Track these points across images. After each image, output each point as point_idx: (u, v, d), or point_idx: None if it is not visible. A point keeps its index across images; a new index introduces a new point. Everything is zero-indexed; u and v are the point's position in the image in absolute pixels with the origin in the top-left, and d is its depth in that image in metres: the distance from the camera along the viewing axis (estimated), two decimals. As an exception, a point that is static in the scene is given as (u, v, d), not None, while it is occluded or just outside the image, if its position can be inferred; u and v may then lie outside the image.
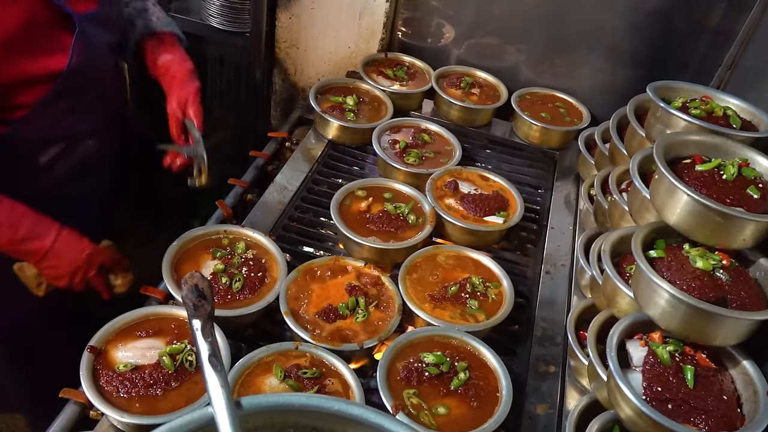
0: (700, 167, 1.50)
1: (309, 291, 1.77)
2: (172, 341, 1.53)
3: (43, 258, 1.62)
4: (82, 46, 1.61)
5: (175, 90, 1.88)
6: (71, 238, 1.65)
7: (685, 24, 2.49)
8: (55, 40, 1.56)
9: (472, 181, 2.24)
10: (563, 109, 2.70)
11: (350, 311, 1.72)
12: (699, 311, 1.34)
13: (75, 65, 1.60)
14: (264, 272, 1.79)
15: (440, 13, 2.83)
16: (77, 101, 1.71)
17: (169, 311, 1.61)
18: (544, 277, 2.05)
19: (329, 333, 1.66)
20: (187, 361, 1.49)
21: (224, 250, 1.82)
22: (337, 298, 1.76)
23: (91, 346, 1.48)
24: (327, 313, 1.70)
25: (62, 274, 1.65)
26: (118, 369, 1.46)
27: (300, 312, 1.71)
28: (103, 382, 1.44)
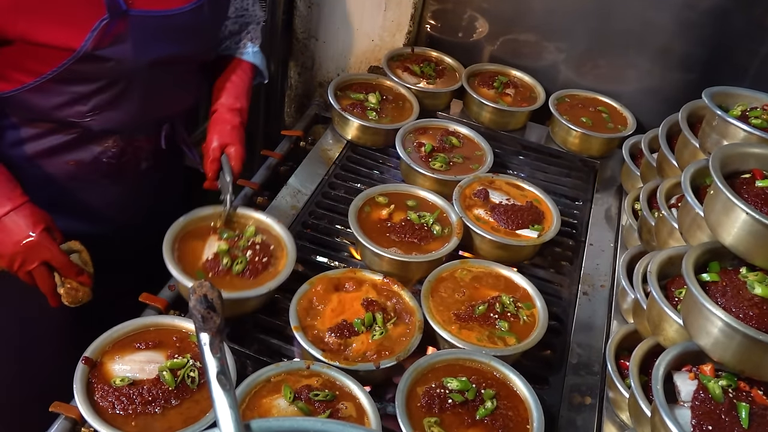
0: (760, 183, 1.48)
1: (322, 305, 1.76)
2: (173, 355, 1.54)
3: None
4: (112, 36, 1.63)
5: (219, 123, 1.97)
6: (25, 219, 1.62)
7: (745, 24, 2.47)
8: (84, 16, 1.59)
9: (503, 190, 2.23)
10: (606, 114, 2.68)
11: (366, 328, 1.71)
12: (756, 342, 1.32)
13: (90, 50, 1.62)
14: (269, 258, 1.82)
15: (473, 6, 2.83)
16: (95, 91, 1.73)
17: (171, 322, 1.62)
18: (581, 298, 2.03)
19: (343, 351, 1.66)
20: (189, 378, 1.49)
21: (233, 231, 1.87)
22: (353, 313, 1.75)
23: (86, 358, 1.49)
24: (341, 330, 1.69)
25: (3, 252, 1.63)
26: (114, 383, 1.46)
27: (312, 328, 1.70)
28: (97, 396, 1.44)
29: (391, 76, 2.65)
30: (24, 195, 1.64)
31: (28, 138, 1.81)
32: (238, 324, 1.80)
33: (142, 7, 1.65)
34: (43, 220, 1.64)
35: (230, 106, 1.99)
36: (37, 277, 1.68)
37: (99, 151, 1.87)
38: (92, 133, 1.82)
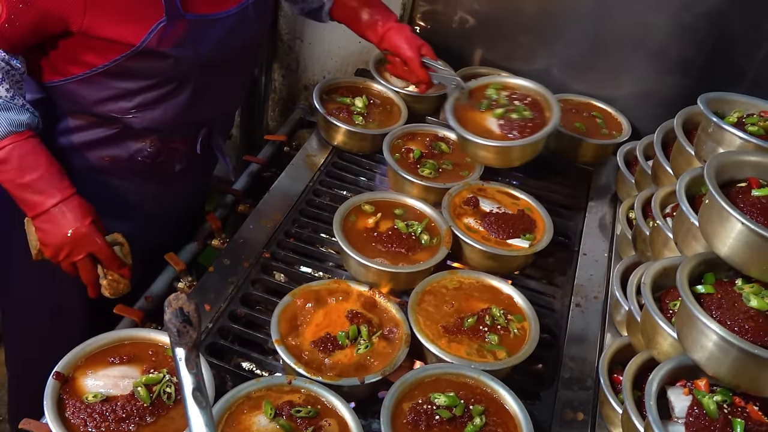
0: (757, 192, 1.50)
1: (305, 317, 1.77)
2: (148, 370, 1.53)
3: (38, 217, 1.70)
4: (170, 37, 1.72)
5: (401, 37, 2.30)
6: (73, 210, 1.70)
7: (743, 28, 2.50)
8: (145, 15, 1.68)
9: (494, 198, 2.24)
10: (600, 119, 2.70)
11: (351, 341, 1.72)
12: (752, 357, 1.34)
13: (148, 47, 1.70)
14: None
15: (464, 7, 2.85)
16: (142, 89, 1.81)
17: (146, 335, 1.61)
18: (574, 310, 2.04)
19: (326, 365, 1.66)
20: (165, 393, 1.49)
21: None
22: (337, 326, 1.75)
23: (57, 373, 1.48)
24: (324, 343, 1.70)
25: (49, 242, 1.72)
26: (86, 400, 1.46)
27: (294, 341, 1.71)
28: (69, 413, 1.44)
29: (379, 80, 2.66)
30: (72, 186, 1.72)
31: (67, 129, 1.91)
32: (218, 337, 1.79)
33: (196, 10, 1.75)
34: (90, 213, 1.72)
35: (394, 20, 2.32)
36: (81, 268, 1.76)
37: (136, 149, 1.95)
38: (132, 131, 1.90)
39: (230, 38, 1.86)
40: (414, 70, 2.31)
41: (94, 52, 1.72)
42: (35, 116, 1.72)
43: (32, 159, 1.68)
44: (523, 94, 2.41)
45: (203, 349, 1.74)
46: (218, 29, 1.82)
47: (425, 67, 2.32)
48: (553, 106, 2.32)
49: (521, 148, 2.26)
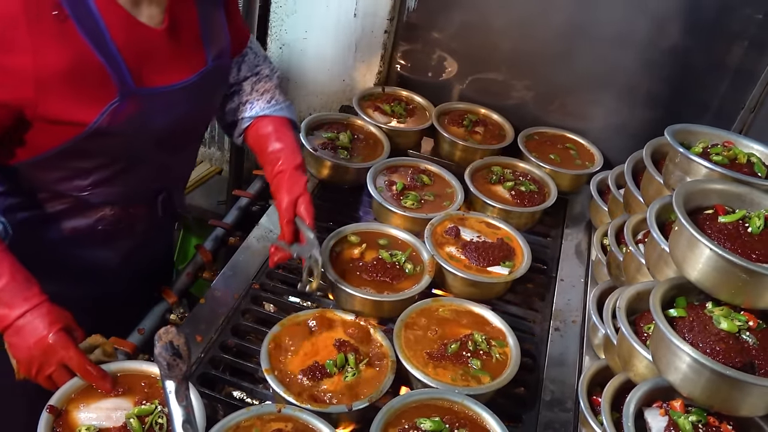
0: (723, 219, 1.51)
1: (293, 346, 1.75)
2: (141, 401, 1.49)
3: (5, 331, 1.51)
4: (123, 114, 1.59)
5: (285, 185, 1.91)
6: (40, 319, 1.49)
7: (705, 63, 2.55)
8: (97, 94, 1.55)
9: (475, 227, 2.24)
10: (574, 150, 2.72)
11: (339, 369, 1.71)
12: (724, 378, 1.33)
13: (100, 127, 1.58)
14: None
15: (442, 46, 2.88)
16: (97, 167, 1.70)
17: (138, 367, 1.58)
18: (553, 334, 2.03)
19: (314, 393, 1.64)
20: (157, 425, 1.44)
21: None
22: (325, 354, 1.74)
23: (50, 406, 1.45)
24: (313, 371, 1.68)
25: (18, 357, 1.52)
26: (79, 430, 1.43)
27: (283, 370, 1.69)
28: None
29: (362, 116, 2.68)
30: (42, 294, 1.52)
31: (22, 206, 1.76)
32: (210, 367, 1.77)
33: (149, 84, 1.63)
34: (59, 319, 1.52)
35: (293, 166, 1.93)
36: (57, 381, 1.54)
37: (95, 220, 1.82)
38: (89, 204, 1.78)
39: (186, 109, 1.74)
40: (281, 224, 1.90)
41: (47, 135, 1.58)
42: (2, 223, 1.55)
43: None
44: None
45: (195, 379, 1.71)
46: (173, 101, 1.69)
47: (295, 228, 1.90)
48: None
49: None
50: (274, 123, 2.01)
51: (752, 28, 2.43)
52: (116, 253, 1.93)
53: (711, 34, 2.50)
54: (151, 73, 1.62)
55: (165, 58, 1.65)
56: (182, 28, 1.67)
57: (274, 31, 2.97)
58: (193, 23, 1.70)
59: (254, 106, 2.02)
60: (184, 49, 1.70)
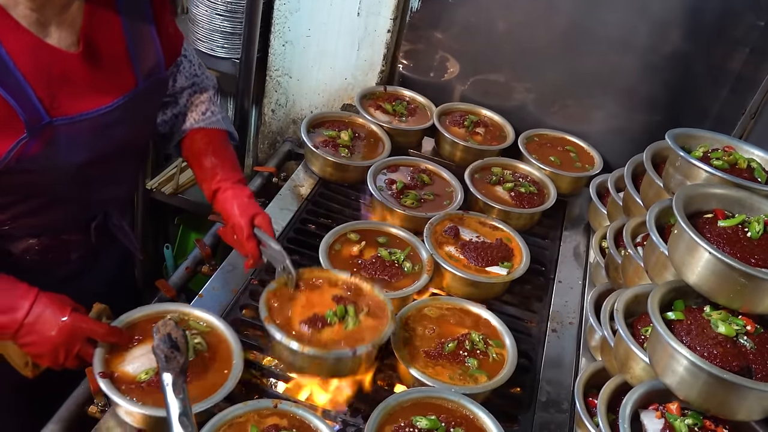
0: (722, 223, 1.50)
1: (291, 300, 1.74)
2: None
3: (17, 335, 1.49)
4: (36, 148, 1.48)
5: (233, 203, 1.81)
6: (47, 310, 1.48)
7: (706, 69, 2.54)
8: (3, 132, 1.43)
9: (474, 227, 2.24)
10: (574, 153, 2.72)
11: (339, 319, 1.70)
12: (721, 381, 1.33)
13: (9, 165, 1.46)
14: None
15: (444, 47, 2.88)
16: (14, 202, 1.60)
17: (136, 315, 1.65)
18: (550, 335, 2.03)
19: (317, 339, 1.64)
20: (197, 345, 1.58)
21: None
22: (323, 307, 1.72)
23: (101, 372, 1.50)
24: (314, 321, 1.67)
25: (41, 352, 1.51)
26: (140, 379, 1.51)
27: (283, 321, 1.67)
28: (135, 398, 1.48)
29: (364, 114, 2.67)
30: (31, 287, 1.50)
31: None
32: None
33: (67, 113, 1.50)
34: (65, 302, 1.52)
35: (234, 180, 1.86)
36: (85, 356, 1.55)
37: (22, 250, 1.70)
38: (13, 237, 1.67)
39: (115, 133, 1.62)
40: (242, 242, 1.80)
41: None
42: None
43: None
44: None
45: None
46: (97, 127, 1.57)
47: (257, 240, 1.81)
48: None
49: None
50: (209, 136, 1.93)
51: (754, 35, 2.43)
52: (54, 280, 1.68)
53: (712, 40, 2.50)
54: (67, 100, 1.50)
55: (83, 83, 1.53)
56: (103, 49, 1.56)
57: (277, 28, 2.96)
58: (118, 42, 1.59)
59: (188, 118, 1.93)
60: (108, 72, 1.58)
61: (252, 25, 2.88)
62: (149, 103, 1.77)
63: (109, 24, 1.57)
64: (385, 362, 1.83)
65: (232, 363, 1.60)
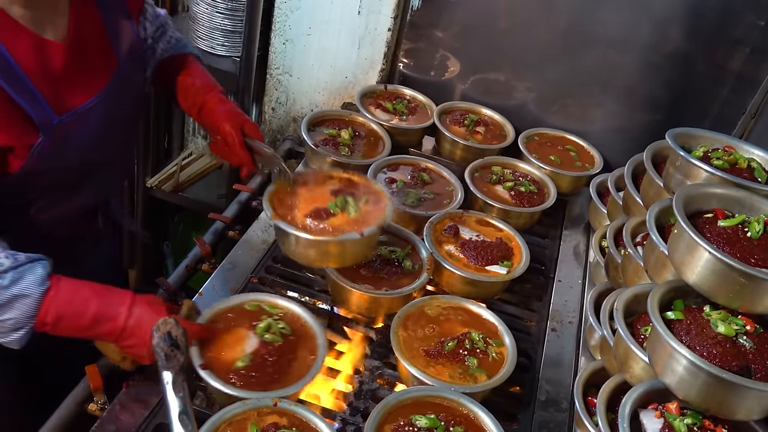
0: (722, 223, 1.50)
1: (292, 200, 1.84)
2: (251, 325, 1.67)
3: (118, 340, 1.50)
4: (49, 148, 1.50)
5: (220, 112, 1.85)
6: (145, 314, 1.48)
7: (707, 68, 2.54)
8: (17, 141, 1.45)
9: (474, 226, 2.24)
10: (574, 152, 2.72)
11: (341, 209, 1.82)
12: (720, 381, 1.33)
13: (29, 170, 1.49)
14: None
15: (445, 46, 2.87)
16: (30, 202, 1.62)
17: (222, 306, 1.72)
18: (550, 334, 2.03)
19: (323, 228, 1.77)
20: (282, 330, 1.66)
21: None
22: (324, 201, 1.84)
23: (202, 364, 1.53)
24: (318, 213, 1.79)
25: (142, 354, 1.49)
26: (237, 366, 1.57)
27: (288, 216, 1.79)
28: (241, 385, 1.54)
29: (364, 113, 2.67)
30: (125, 290, 1.52)
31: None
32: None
33: (69, 107, 1.52)
34: (159, 304, 1.52)
35: (217, 93, 1.89)
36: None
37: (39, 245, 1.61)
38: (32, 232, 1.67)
39: (111, 117, 1.64)
40: (234, 149, 1.83)
41: None
42: (44, 258, 1.47)
43: (78, 298, 1.45)
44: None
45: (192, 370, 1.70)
46: (96, 115, 1.59)
47: (248, 148, 1.85)
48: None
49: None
50: (181, 59, 1.95)
51: (755, 34, 2.43)
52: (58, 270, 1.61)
53: (713, 39, 2.50)
54: (67, 94, 1.51)
55: (77, 74, 1.53)
56: (88, 35, 1.56)
57: (278, 26, 2.96)
58: (97, 23, 1.59)
59: (156, 49, 1.92)
60: (95, 57, 1.58)
61: (252, 23, 2.88)
62: (135, 79, 1.77)
63: (88, 8, 1.57)
64: (385, 361, 1.84)
65: (316, 343, 1.69)
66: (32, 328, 1.42)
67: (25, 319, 1.40)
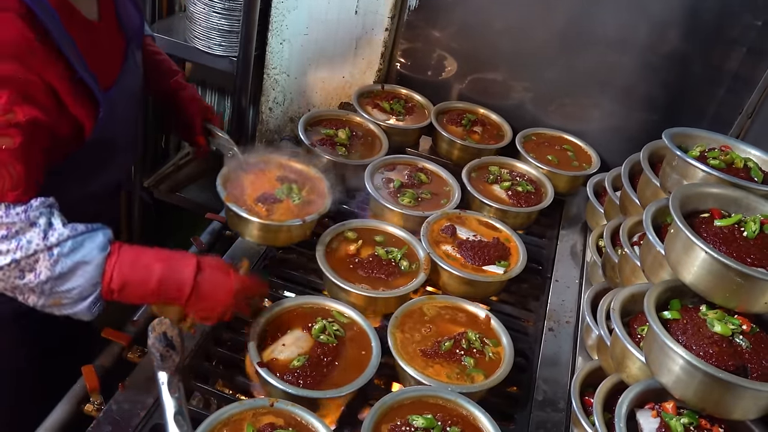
0: (719, 222, 1.50)
1: (242, 183, 2.03)
2: (306, 327, 1.75)
3: (188, 302, 1.53)
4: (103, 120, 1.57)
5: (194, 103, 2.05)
6: (213, 276, 1.55)
7: (703, 69, 2.54)
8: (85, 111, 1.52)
9: (471, 226, 2.24)
10: (571, 152, 2.72)
11: (286, 195, 2.02)
12: (716, 380, 1.33)
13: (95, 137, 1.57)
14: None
15: (442, 46, 2.87)
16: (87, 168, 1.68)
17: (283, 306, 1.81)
18: (547, 334, 2.03)
19: (271, 212, 1.97)
20: (335, 332, 1.74)
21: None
22: (270, 187, 2.05)
23: (259, 362, 1.62)
24: (266, 198, 1.99)
25: (211, 316, 1.58)
26: (293, 366, 1.64)
27: (240, 201, 1.98)
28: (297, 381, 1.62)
29: (361, 113, 2.67)
30: (187, 253, 1.57)
31: None
32: (202, 360, 1.76)
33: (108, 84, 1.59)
34: (223, 264, 1.60)
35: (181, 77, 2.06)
36: (242, 309, 1.66)
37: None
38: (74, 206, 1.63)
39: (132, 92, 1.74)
40: (197, 131, 2.06)
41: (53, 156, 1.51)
42: (104, 227, 1.50)
43: (141, 263, 1.48)
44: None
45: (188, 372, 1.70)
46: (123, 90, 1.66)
47: (206, 131, 2.09)
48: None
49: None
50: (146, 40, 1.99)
51: (751, 35, 2.43)
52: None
53: (710, 40, 2.50)
54: (105, 69, 1.57)
55: (106, 50, 1.60)
56: (108, 14, 1.62)
57: (275, 26, 2.96)
58: (111, 4, 1.64)
59: None
60: (113, 35, 1.65)
61: (250, 23, 2.88)
62: (138, 57, 1.81)
63: None
64: (382, 361, 1.84)
65: (371, 345, 1.76)
66: (100, 295, 1.44)
67: (90, 286, 1.43)
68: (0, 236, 1.36)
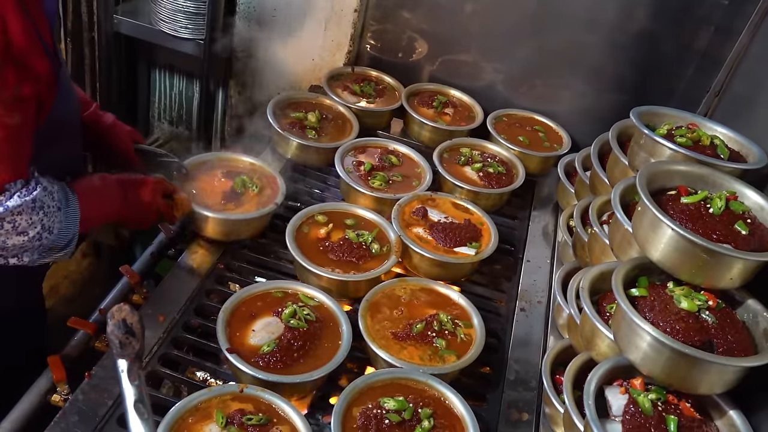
0: (685, 199, 1.51)
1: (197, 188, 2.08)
2: (276, 311, 1.74)
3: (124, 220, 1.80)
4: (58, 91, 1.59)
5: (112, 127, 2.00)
6: (134, 187, 1.79)
7: (672, 48, 2.55)
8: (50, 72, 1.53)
9: (442, 208, 2.23)
10: (542, 133, 2.72)
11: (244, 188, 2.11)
12: (683, 356, 1.34)
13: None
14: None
15: (412, 27, 2.85)
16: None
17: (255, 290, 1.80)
18: (519, 314, 2.04)
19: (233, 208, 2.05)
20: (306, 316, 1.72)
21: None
22: (224, 185, 2.12)
23: (228, 348, 1.62)
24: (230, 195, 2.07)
25: (143, 221, 1.84)
26: (263, 351, 1.63)
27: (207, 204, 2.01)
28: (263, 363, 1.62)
29: (331, 95, 2.64)
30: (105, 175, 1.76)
31: None
32: (172, 347, 1.74)
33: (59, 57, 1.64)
34: (138, 176, 1.84)
35: (96, 107, 2.01)
36: (164, 209, 1.88)
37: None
38: None
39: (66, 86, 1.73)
40: (131, 160, 2.04)
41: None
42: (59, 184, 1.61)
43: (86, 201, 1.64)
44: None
45: (157, 360, 1.68)
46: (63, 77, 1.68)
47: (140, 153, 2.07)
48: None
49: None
50: None
51: (718, 14, 2.44)
52: None
53: (678, 19, 2.51)
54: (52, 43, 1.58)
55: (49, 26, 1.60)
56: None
57: (242, 8, 2.91)
58: None
59: None
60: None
61: (216, 5, 2.83)
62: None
63: None
64: (354, 344, 1.83)
65: (342, 329, 1.76)
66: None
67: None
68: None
